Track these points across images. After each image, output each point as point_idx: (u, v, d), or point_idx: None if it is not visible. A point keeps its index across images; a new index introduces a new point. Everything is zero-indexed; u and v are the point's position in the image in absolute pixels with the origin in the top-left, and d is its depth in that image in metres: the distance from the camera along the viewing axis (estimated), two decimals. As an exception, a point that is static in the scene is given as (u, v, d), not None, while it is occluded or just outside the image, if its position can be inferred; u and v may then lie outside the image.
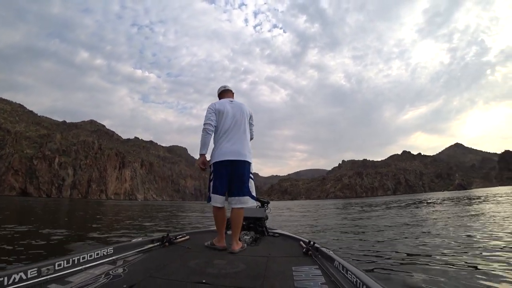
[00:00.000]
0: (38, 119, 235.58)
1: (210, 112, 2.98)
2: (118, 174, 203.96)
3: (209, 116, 2.95)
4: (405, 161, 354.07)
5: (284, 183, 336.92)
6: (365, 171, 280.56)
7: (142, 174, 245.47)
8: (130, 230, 8.48)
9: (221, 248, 2.76)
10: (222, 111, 3.00)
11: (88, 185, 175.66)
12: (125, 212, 18.90)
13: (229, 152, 2.87)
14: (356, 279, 1.61)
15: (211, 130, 2.91)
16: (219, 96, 3.33)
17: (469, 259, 3.82)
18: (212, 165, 2.89)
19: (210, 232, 3.72)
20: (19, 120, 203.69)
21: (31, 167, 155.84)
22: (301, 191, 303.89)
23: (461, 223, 8.06)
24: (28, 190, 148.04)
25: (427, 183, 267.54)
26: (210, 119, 2.94)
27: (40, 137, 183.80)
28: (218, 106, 3.02)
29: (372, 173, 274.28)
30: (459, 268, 3.39)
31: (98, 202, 54.44)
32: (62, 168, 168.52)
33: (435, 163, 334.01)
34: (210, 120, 2.93)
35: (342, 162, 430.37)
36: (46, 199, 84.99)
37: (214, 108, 3.01)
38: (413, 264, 3.67)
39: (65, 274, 1.84)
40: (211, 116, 2.95)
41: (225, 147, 2.89)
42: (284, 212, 18.40)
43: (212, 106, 3.03)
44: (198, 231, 3.75)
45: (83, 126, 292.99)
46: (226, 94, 3.30)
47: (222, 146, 2.90)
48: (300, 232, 7.50)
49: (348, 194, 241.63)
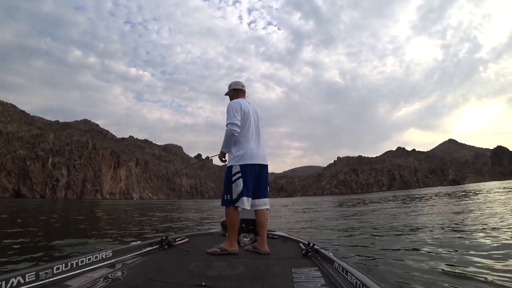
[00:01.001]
0: (31, 119, 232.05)
1: (237, 111, 2.80)
2: (113, 173, 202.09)
3: (236, 115, 2.77)
4: (399, 157, 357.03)
5: (280, 180, 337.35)
6: (360, 168, 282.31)
7: (138, 173, 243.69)
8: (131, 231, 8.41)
9: (235, 252, 2.69)
10: (247, 112, 2.87)
11: (83, 185, 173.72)
12: (119, 213, 18.75)
13: (258, 156, 2.85)
14: (356, 280, 1.60)
15: (237, 131, 2.76)
16: (234, 93, 3.11)
17: (468, 258, 3.82)
18: (240, 167, 2.76)
19: (209, 235, 3.70)
20: (11, 120, 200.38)
21: (24, 168, 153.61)
22: (297, 188, 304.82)
23: (456, 217, 8.15)
24: (22, 191, 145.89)
25: (421, 178, 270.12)
26: (237, 118, 2.77)
27: (32, 137, 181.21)
28: (243, 106, 2.86)
29: (367, 169, 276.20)
30: (458, 266, 3.31)
31: (93, 202, 54.08)
32: (56, 169, 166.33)
33: (429, 159, 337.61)
34: (237, 120, 2.76)
35: (337, 159, 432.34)
36: (40, 200, 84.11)
37: (240, 107, 2.83)
38: (415, 263, 3.63)
39: (63, 278, 1.82)
40: (238, 115, 2.78)
41: (254, 150, 2.83)
42: (282, 211, 18.39)
43: (239, 105, 2.84)
44: (197, 234, 3.70)
45: (76, 125, 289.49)
46: (243, 94, 3.13)
47: (250, 148, 2.82)
48: (299, 232, 7.51)
49: (344, 190, 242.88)
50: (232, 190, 2.72)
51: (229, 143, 2.82)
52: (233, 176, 2.76)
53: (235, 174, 2.75)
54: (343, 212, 14.40)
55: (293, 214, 14.66)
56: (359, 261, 3.92)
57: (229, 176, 2.78)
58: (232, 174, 2.77)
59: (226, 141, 2.81)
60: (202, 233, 3.68)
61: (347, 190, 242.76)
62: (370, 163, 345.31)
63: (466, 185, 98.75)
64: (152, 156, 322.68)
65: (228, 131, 2.75)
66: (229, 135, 2.76)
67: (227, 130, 2.76)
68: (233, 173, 2.76)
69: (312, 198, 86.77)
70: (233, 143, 2.82)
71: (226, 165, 2.91)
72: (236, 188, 2.72)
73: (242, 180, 2.73)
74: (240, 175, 2.74)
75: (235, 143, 2.83)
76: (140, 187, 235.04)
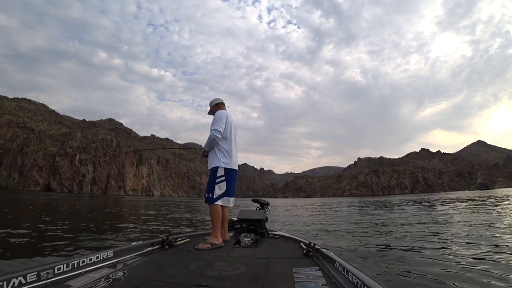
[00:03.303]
0: (60, 118, 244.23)
1: (224, 121, 3.31)
2: (135, 170, 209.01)
3: (222, 124, 3.28)
4: (423, 159, 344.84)
5: (299, 181, 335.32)
6: (381, 169, 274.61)
7: (159, 171, 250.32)
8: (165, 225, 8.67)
9: (222, 245, 3.00)
10: (230, 122, 3.41)
11: (107, 181, 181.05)
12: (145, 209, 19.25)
13: (236, 162, 3.45)
14: (357, 280, 1.60)
15: (219, 137, 3.27)
16: (216, 107, 3.61)
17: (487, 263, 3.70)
18: (224, 170, 3.24)
19: (210, 235, 3.71)
20: (42, 119, 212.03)
21: (54, 164, 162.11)
22: (316, 189, 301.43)
23: (483, 223, 7.79)
24: (52, 186, 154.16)
25: (446, 182, 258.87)
26: (222, 127, 3.27)
27: (62, 135, 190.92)
28: (228, 118, 3.40)
29: (389, 171, 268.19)
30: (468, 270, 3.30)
31: (116, 198, 55.96)
32: (83, 165, 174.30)
33: (456, 161, 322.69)
34: (221, 128, 3.27)
35: (358, 160, 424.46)
36: (68, 194, 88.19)
37: (226, 118, 3.35)
38: (423, 267, 3.64)
39: (64, 278, 1.83)
40: (223, 124, 3.29)
41: (234, 157, 3.39)
42: (298, 211, 18.24)
43: (225, 116, 3.35)
44: (198, 234, 3.73)
45: (101, 124, 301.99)
46: (223, 106, 3.67)
47: (233, 155, 3.37)
48: (310, 234, 7.46)
49: (364, 192, 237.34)
50: (215, 190, 3.17)
51: (211, 145, 3.32)
52: (218, 178, 3.21)
53: (220, 176, 3.21)
54: (361, 214, 14.12)
55: (309, 216, 14.53)
56: (362, 261, 3.89)
57: (214, 178, 3.21)
58: (217, 176, 3.21)
59: (209, 143, 3.32)
60: (203, 233, 3.69)
61: (368, 192, 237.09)
62: (392, 165, 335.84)
63: (496, 190, 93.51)
64: (173, 154, 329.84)
65: (211, 136, 3.25)
66: (212, 139, 3.26)
67: (211, 134, 3.26)
68: (218, 175, 3.22)
69: (332, 199, 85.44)
70: (218, 149, 3.31)
71: (211, 167, 3.32)
72: (219, 189, 3.18)
73: (225, 182, 3.22)
74: (224, 178, 3.22)
75: (221, 150, 3.31)
76: (161, 184, 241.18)
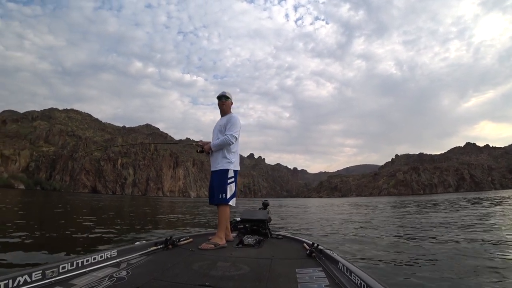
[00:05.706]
0: (103, 126, 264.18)
1: (240, 127, 3.35)
2: (172, 173, 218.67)
3: (238, 130, 3.31)
4: (469, 154, 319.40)
5: (333, 180, 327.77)
6: (422, 166, 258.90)
7: (194, 173, 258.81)
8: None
9: (225, 245, 3.00)
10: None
11: (147, 183, 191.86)
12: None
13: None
14: (360, 281, 1.60)
15: (233, 143, 3.28)
16: (230, 107, 3.60)
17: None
18: (233, 172, 3.29)
19: (214, 235, 3.76)
20: (88, 127, 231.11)
21: (99, 168, 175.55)
22: (351, 188, 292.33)
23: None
24: (97, 188, 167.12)
25: (497, 179, 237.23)
26: (238, 133, 3.31)
27: (105, 141, 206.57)
28: (241, 123, 3.45)
29: (430, 168, 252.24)
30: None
31: (155, 199, 58.96)
32: (124, 168, 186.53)
33: (508, 156, 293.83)
34: (237, 135, 3.30)
35: (395, 157, 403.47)
36: (112, 195, 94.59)
37: (240, 124, 3.39)
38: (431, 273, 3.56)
39: (69, 277, 1.85)
40: (239, 131, 3.33)
41: (239, 159, 3.45)
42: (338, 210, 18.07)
43: (240, 122, 3.39)
44: (201, 234, 3.76)
45: (140, 129, 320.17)
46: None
47: (239, 158, 3.43)
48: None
49: (403, 191, 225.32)
50: (227, 191, 3.21)
51: (222, 148, 3.28)
52: (229, 179, 3.25)
53: (231, 178, 3.26)
54: (398, 216, 13.74)
55: (346, 215, 14.44)
56: (373, 265, 3.84)
57: (225, 179, 3.23)
58: (228, 177, 3.24)
59: (221, 145, 3.25)
60: (207, 233, 3.72)
61: (407, 191, 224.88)
62: (433, 161, 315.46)
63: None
64: (207, 157, 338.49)
65: (228, 140, 3.21)
66: (226, 143, 3.23)
67: (227, 139, 3.21)
68: (229, 177, 3.25)
69: (368, 198, 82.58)
70: (228, 151, 3.29)
71: (220, 168, 3.27)
72: (230, 190, 3.23)
73: (234, 183, 3.29)
74: (233, 179, 3.28)
75: (231, 152, 3.31)
76: (197, 185, 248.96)
